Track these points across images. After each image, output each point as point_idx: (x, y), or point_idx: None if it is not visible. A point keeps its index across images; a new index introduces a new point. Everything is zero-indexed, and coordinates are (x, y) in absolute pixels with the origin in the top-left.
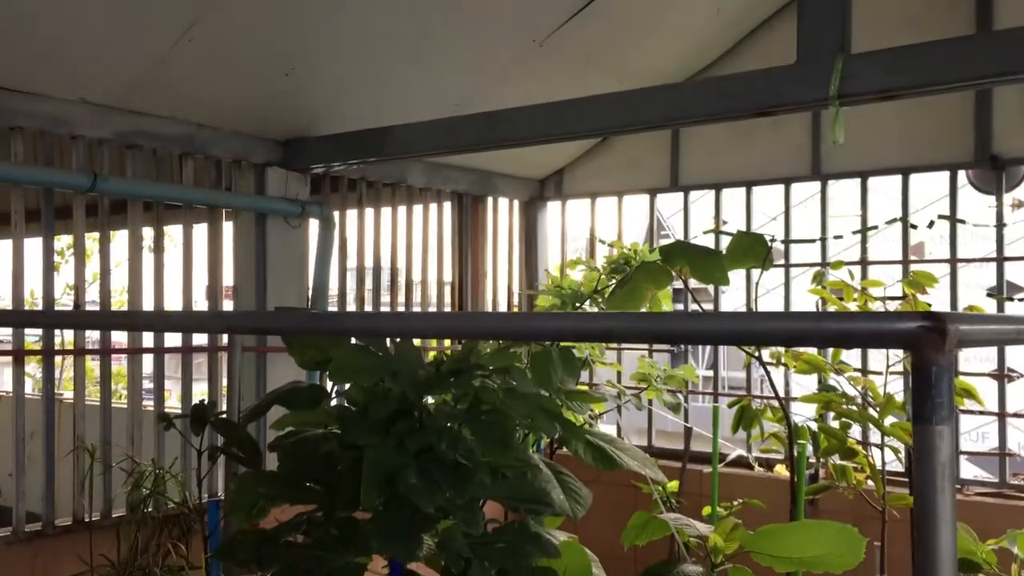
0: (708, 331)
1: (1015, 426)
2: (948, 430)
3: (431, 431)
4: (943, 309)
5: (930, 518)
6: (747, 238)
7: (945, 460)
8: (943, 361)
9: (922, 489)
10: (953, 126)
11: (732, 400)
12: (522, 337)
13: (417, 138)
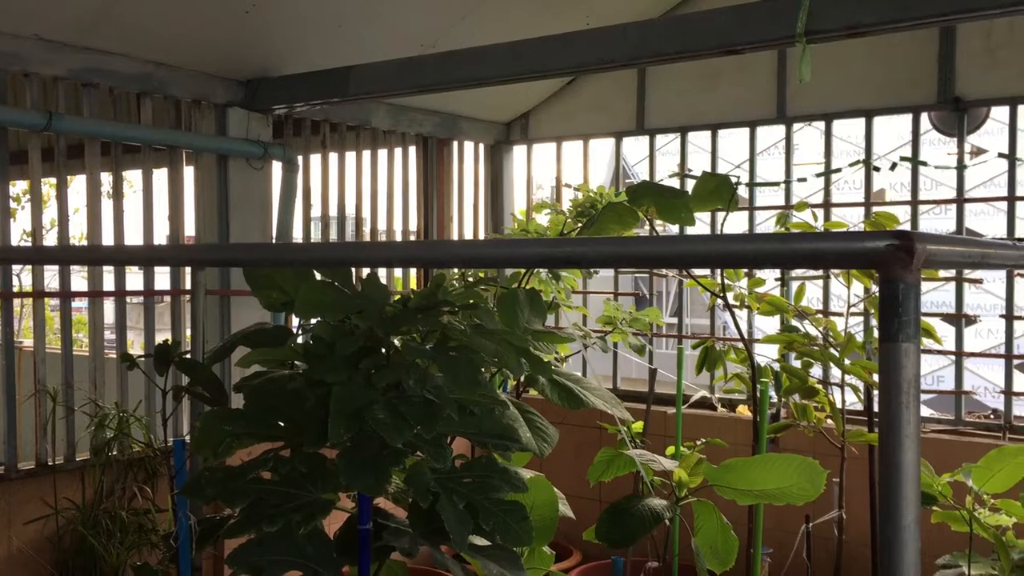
0: (678, 253)
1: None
2: (914, 348)
3: (399, 367)
4: None
5: (895, 434)
6: (713, 179)
7: (911, 377)
8: (910, 279)
9: (887, 406)
10: (916, 68)
11: (696, 342)
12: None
13: (381, 77)
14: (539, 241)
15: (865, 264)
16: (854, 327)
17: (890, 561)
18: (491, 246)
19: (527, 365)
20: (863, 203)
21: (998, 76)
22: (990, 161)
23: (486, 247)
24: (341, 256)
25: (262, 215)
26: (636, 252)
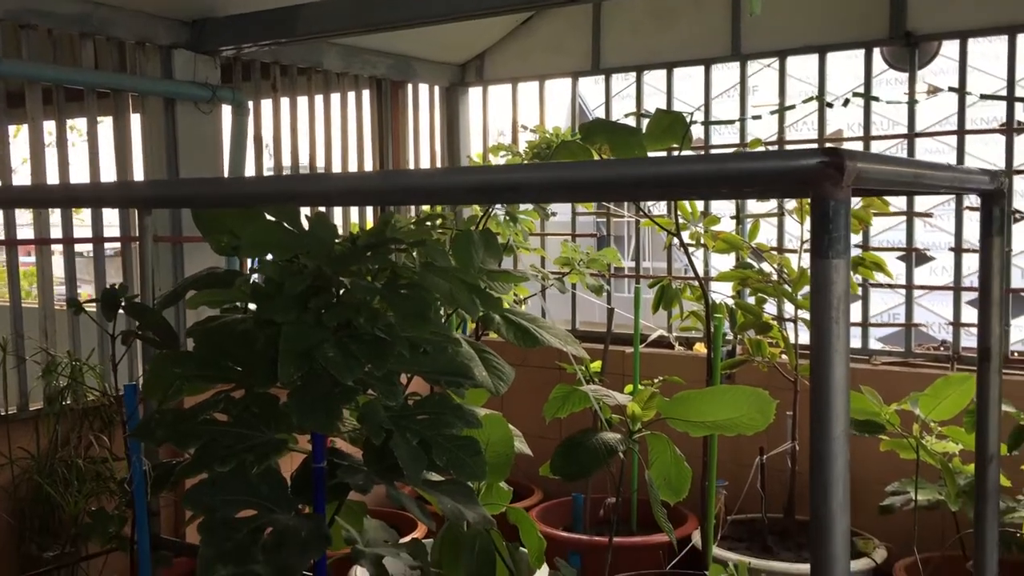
0: (614, 176)
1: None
2: (844, 264)
3: (349, 306)
4: None
5: (825, 348)
6: (667, 117)
7: (840, 293)
8: (841, 196)
9: (818, 321)
10: (868, 3)
11: (652, 281)
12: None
13: (331, 15)
14: (473, 169)
15: (796, 182)
16: (807, 259)
17: (820, 471)
18: (429, 176)
19: (480, 303)
20: (817, 139)
21: (948, 10)
22: (944, 99)
23: (424, 177)
24: (280, 189)
25: (212, 161)
26: (572, 177)
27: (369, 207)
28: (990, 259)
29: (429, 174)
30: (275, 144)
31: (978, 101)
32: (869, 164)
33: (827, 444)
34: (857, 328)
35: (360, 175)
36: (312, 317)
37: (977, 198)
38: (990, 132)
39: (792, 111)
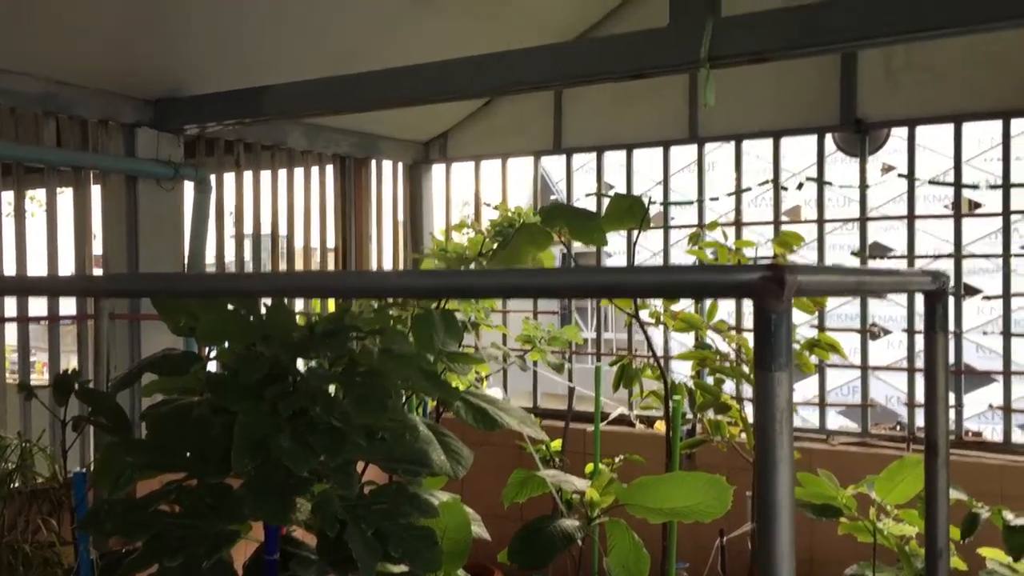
0: (565, 285)
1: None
2: (786, 376)
3: (305, 394)
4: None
5: (769, 459)
6: (625, 200)
7: (783, 405)
8: (782, 310)
9: (762, 432)
10: (821, 91)
11: (613, 359)
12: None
13: (295, 98)
14: (427, 273)
15: (742, 295)
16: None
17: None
18: (383, 278)
19: (437, 391)
20: (772, 221)
21: (897, 98)
22: (892, 181)
23: (380, 279)
24: (236, 287)
25: (173, 237)
26: (524, 283)
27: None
28: (935, 355)
29: (384, 276)
30: (237, 214)
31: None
32: (809, 277)
33: (772, 557)
34: (815, 407)
35: (315, 275)
36: (267, 406)
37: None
38: (939, 217)
39: (751, 187)
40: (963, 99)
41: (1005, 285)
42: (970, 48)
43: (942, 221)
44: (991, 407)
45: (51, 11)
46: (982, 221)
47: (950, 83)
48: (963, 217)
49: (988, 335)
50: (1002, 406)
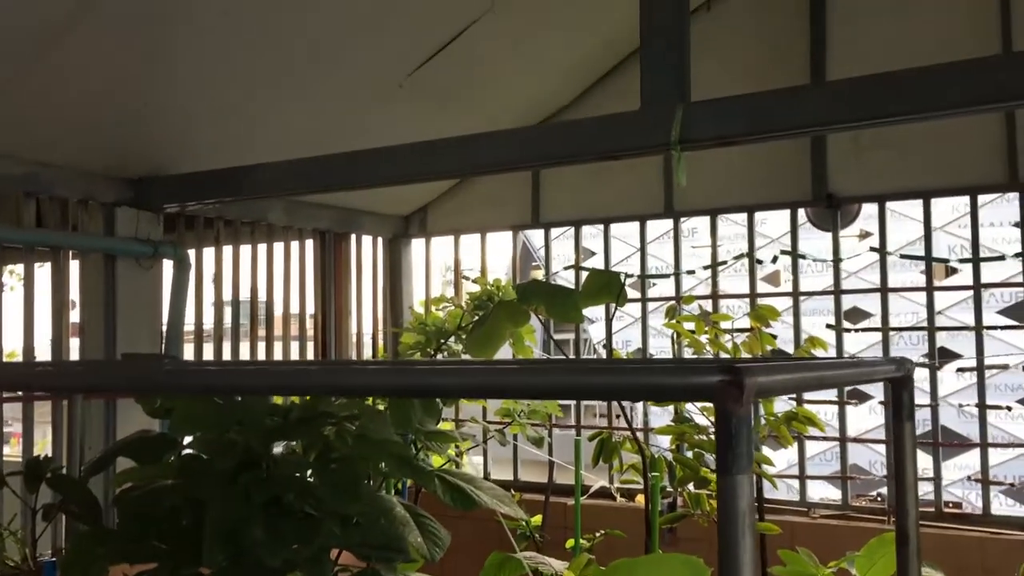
0: (525, 385)
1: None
2: (747, 479)
3: (279, 481)
4: (786, 343)
5: (733, 562)
6: (601, 276)
7: (745, 508)
8: (742, 413)
9: (725, 535)
10: (793, 167)
11: (592, 433)
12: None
13: (276, 178)
14: (388, 371)
15: (701, 399)
16: None
17: None
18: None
19: (412, 476)
20: (748, 294)
21: (866, 174)
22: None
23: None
24: (210, 383)
25: (151, 313)
26: (481, 383)
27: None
28: (903, 444)
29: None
30: (216, 291)
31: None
32: (769, 377)
33: None
34: (795, 480)
35: (289, 371)
36: (240, 494)
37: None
38: (911, 290)
39: (728, 252)
40: (931, 175)
41: (979, 357)
42: (936, 126)
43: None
44: (969, 478)
45: (33, 93)
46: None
47: (917, 160)
48: (934, 290)
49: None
50: (980, 478)
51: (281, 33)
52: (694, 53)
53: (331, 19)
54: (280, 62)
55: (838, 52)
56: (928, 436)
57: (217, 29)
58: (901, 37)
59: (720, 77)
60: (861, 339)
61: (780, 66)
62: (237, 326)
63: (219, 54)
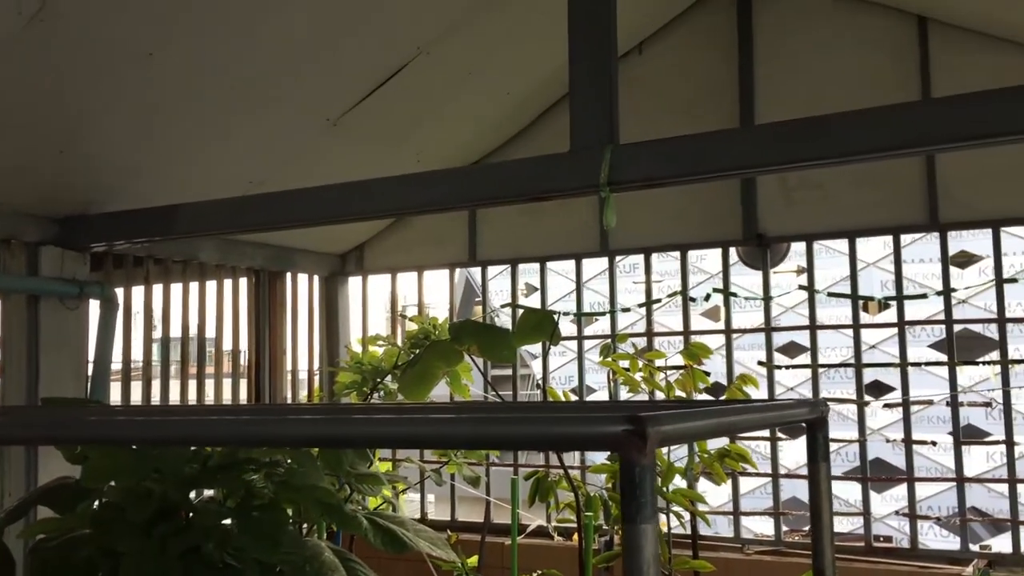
0: (424, 435)
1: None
2: (652, 528)
3: (197, 531)
4: (721, 379)
5: None
6: (535, 315)
7: (650, 557)
8: (646, 462)
9: None
10: (724, 207)
11: (528, 472)
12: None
13: (206, 217)
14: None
15: (607, 447)
16: (679, 454)
17: None
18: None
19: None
20: (682, 332)
21: (794, 215)
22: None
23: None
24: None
25: (77, 354)
26: (369, 433)
27: None
28: (818, 484)
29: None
30: (146, 324)
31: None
32: (674, 426)
33: None
34: (730, 516)
35: (197, 422)
36: (157, 545)
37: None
38: (838, 327)
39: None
40: (855, 216)
41: (903, 392)
42: (860, 168)
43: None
44: (898, 512)
45: None
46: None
47: (842, 201)
48: (861, 327)
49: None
50: (907, 512)
51: (215, 71)
52: (626, 95)
53: (265, 58)
54: (214, 101)
55: (766, 94)
56: (858, 471)
57: (148, 67)
58: (826, 80)
59: (653, 119)
60: (801, 373)
61: (711, 108)
62: (167, 366)
63: (150, 92)
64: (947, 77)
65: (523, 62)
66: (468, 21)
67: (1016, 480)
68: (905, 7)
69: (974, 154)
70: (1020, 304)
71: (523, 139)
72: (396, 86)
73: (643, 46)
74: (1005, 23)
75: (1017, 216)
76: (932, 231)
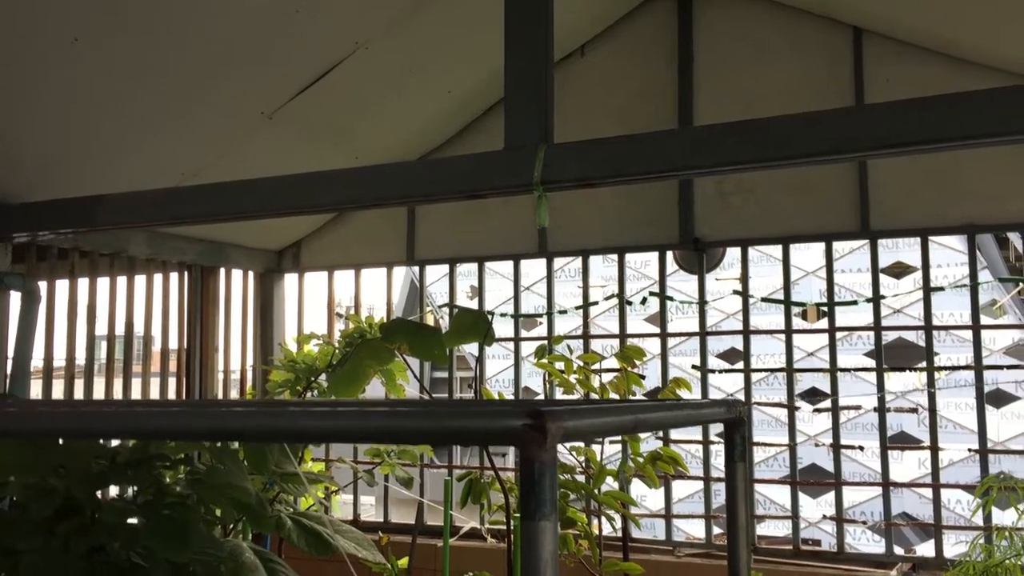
0: (331, 428)
1: None
2: (551, 524)
3: (103, 529)
4: (654, 382)
5: None
6: (469, 315)
7: (548, 555)
8: (546, 458)
9: None
10: (662, 210)
11: (461, 474)
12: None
13: (133, 208)
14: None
15: (508, 441)
16: (613, 456)
17: None
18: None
19: (252, 524)
20: (618, 335)
21: (730, 219)
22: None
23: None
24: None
25: None
26: (287, 427)
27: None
28: (735, 485)
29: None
30: (70, 319)
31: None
32: (576, 421)
33: None
34: (661, 520)
35: (87, 413)
36: (60, 543)
37: None
38: (772, 333)
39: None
40: (789, 222)
41: (833, 397)
42: (794, 174)
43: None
44: (825, 516)
45: None
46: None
47: (776, 207)
48: (793, 333)
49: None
50: (835, 516)
51: (147, 62)
52: (568, 97)
53: (201, 49)
54: (145, 90)
55: (705, 97)
56: (788, 476)
57: (78, 56)
58: (764, 85)
59: (593, 121)
60: (739, 378)
61: (651, 111)
62: (91, 363)
63: (80, 81)
64: (879, 86)
65: (465, 60)
66: (408, 17)
67: (940, 485)
68: (841, 18)
69: (904, 163)
70: (952, 314)
71: (465, 137)
72: (334, 81)
73: (585, 48)
74: (934, 36)
75: (944, 225)
76: (863, 238)
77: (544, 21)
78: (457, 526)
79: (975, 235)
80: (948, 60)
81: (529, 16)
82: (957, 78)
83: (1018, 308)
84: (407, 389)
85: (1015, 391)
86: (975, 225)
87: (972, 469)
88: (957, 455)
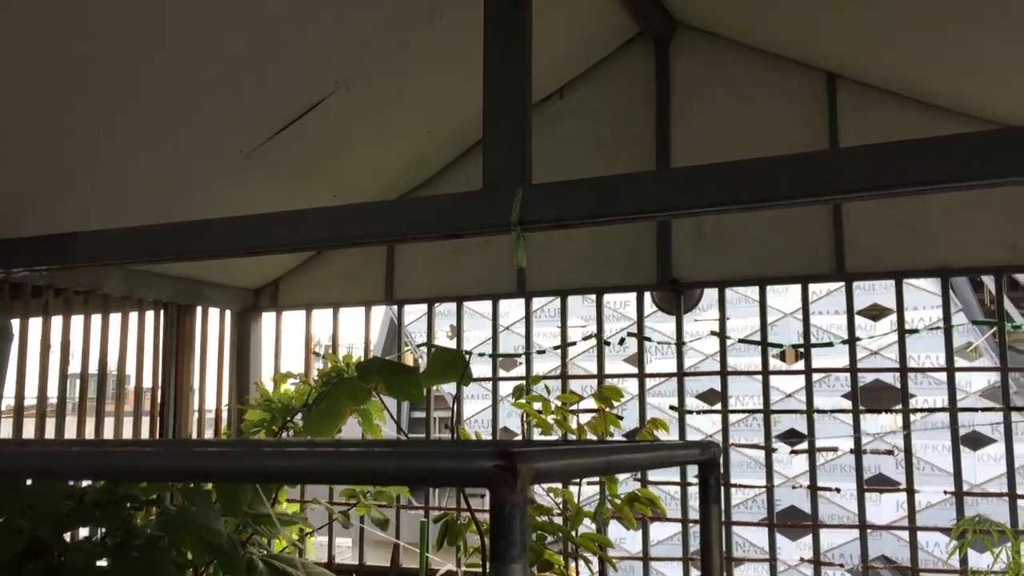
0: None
1: None
2: (520, 567)
3: (71, 570)
4: (632, 423)
5: None
6: (446, 354)
7: None
8: (516, 500)
9: None
10: (639, 251)
11: (437, 515)
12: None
13: (108, 245)
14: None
15: (478, 483)
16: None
17: None
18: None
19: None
20: (596, 375)
21: (708, 261)
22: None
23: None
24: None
25: None
26: (255, 467)
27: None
28: (709, 526)
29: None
30: (43, 358)
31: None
32: (548, 463)
33: None
34: (639, 562)
35: (50, 452)
36: None
37: None
38: (750, 374)
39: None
40: (766, 264)
41: (810, 442)
42: (771, 216)
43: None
44: (802, 560)
45: None
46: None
47: (753, 248)
48: (770, 374)
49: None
50: (812, 559)
51: (125, 98)
52: (546, 138)
53: (180, 86)
54: (121, 126)
55: (682, 140)
56: (766, 518)
57: (52, 89)
58: (740, 128)
59: (572, 162)
60: (718, 420)
61: (629, 152)
62: (63, 402)
63: (54, 117)
64: (853, 130)
65: (444, 100)
66: (389, 58)
67: (917, 528)
68: (816, 64)
69: (878, 206)
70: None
71: (444, 178)
72: (313, 121)
73: (564, 90)
74: (906, 82)
75: (919, 268)
76: (839, 280)
77: (522, 62)
78: (433, 568)
79: (948, 278)
80: (921, 106)
81: (508, 57)
82: (930, 123)
83: (993, 351)
84: (384, 429)
85: (991, 433)
86: (948, 268)
87: (949, 511)
88: (935, 497)
